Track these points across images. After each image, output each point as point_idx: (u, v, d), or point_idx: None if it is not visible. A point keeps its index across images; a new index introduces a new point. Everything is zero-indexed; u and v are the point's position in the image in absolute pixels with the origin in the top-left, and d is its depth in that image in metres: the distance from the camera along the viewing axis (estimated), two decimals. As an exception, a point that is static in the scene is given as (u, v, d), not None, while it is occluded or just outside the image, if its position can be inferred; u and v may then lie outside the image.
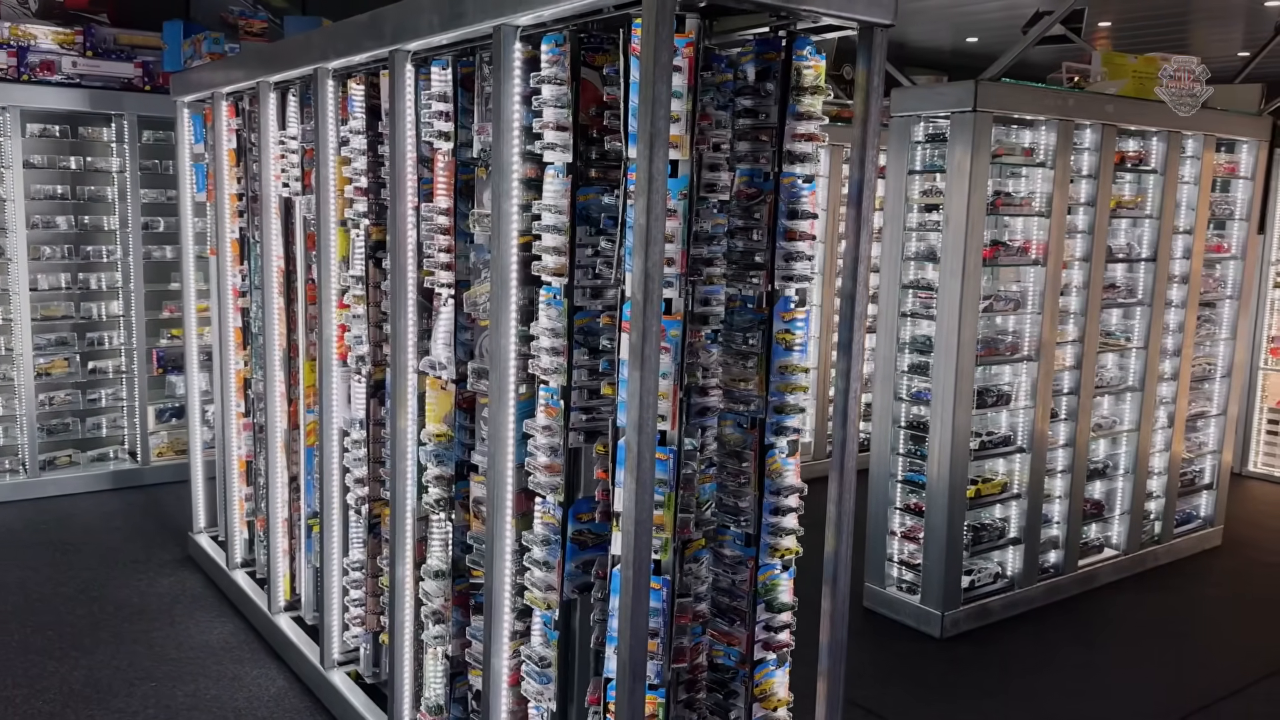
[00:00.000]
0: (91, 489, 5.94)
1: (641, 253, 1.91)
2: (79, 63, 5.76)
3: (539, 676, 2.46)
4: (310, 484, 3.77)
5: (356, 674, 3.46)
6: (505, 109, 2.32)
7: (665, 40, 1.84)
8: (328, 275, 3.29)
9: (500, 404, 2.43)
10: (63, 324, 5.95)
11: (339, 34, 3.02)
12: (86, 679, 3.62)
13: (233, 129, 4.13)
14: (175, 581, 4.57)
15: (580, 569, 2.42)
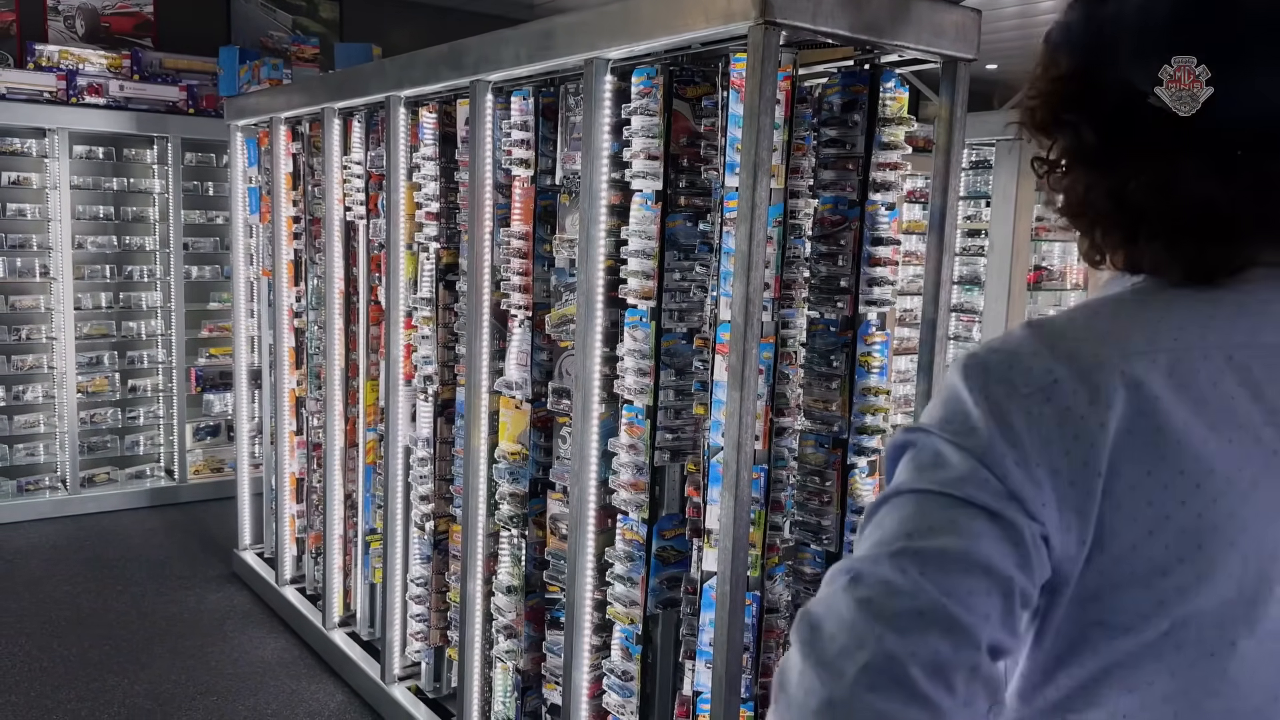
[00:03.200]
0: (130, 506, 6.00)
1: (743, 278, 1.99)
2: (126, 86, 5.87)
3: (621, 690, 2.52)
4: (369, 501, 3.84)
5: (417, 688, 3.51)
6: (595, 138, 2.40)
7: (770, 75, 1.92)
8: (396, 297, 3.37)
9: (584, 423, 2.50)
10: (103, 342, 6.03)
11: (415, 63, 3.10)
12: (148, 693, 3.68)
13: (290, 153, 4.22)
14: (223, 597, 4.62)
15: (663, 585, 2.49)
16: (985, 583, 0.70)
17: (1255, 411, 0.75)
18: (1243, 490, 0.74)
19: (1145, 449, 0.73)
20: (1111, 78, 0.80)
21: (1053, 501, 0.73)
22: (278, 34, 6.27)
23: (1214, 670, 0.75)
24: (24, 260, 5.78)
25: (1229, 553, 0.74)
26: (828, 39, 2.05)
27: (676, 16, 2.09)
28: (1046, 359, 0.76)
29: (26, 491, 5.83)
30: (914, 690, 0.66)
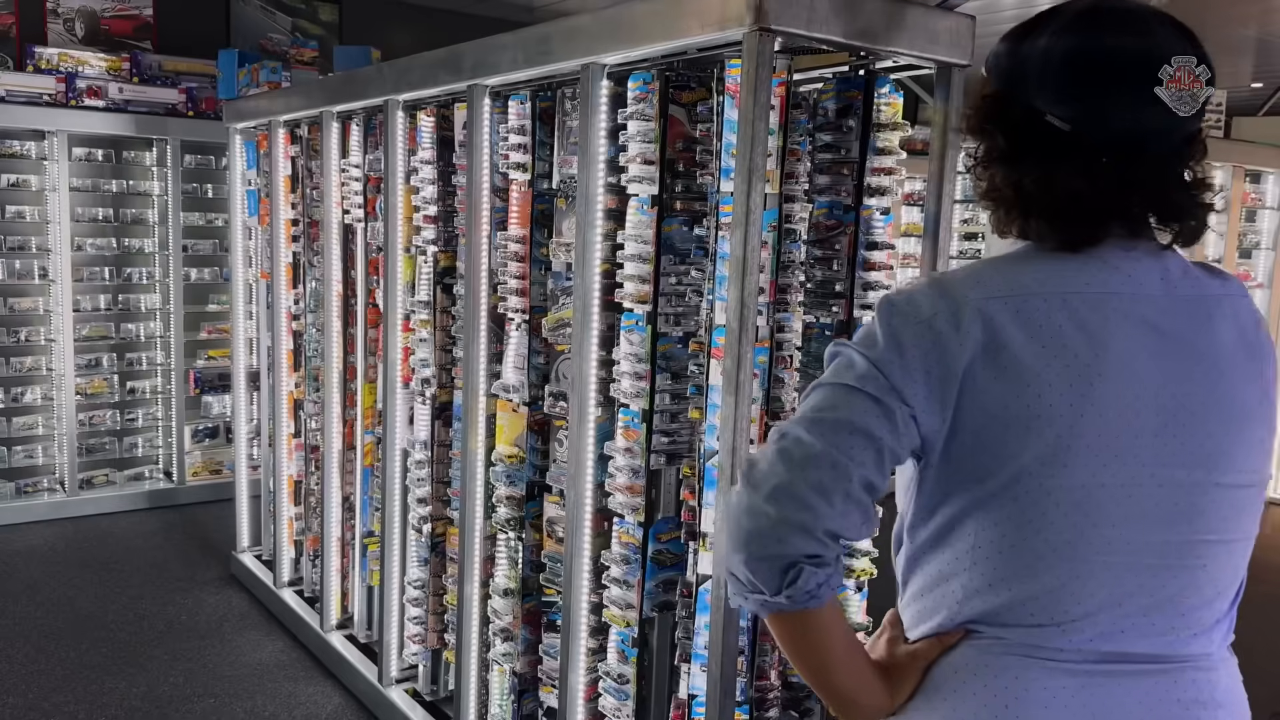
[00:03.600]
0: (128, 508, 6.00)
1: (738, 282, 2.00)
2: (125, 88, 5.88)
3: (617, 693, 2.53)
4: (366, 503, 3.85)
5: (414, 691, 3.52)
6: (591, 143, 2.41)
7: (764, 81, 1.93)
8: (394, 300, 3.38)
9: (580, 426, 2.51)
10: (102, 344, 6.04)
11: (413, 67, 3.11)
12: (146, 695, 3.68)
13: (289, 155, 4.23)
14: (221, 599, 4.63)
15: (659, 588, 2.50)
16: (863, 441, 1.08)
17: (1076, 335, 1.08)
18: (1058, 388, 1.07)
19: (990, 361, 1.08)
20: (1021, 100, 1.13)
21: (922, 394, 1.09)
22: (277, 36, 6.29)
23: (1034, 511, 1.09)
24: (23, 262, 5.78)
25: (1045, 429, 1.07)
26: (822, 45, 2.06)
27: (672, 23, 2.10)
28: (932, 300, 1.11)
29: (25, 493, 5.83)
30: (802, 501, 1.07)
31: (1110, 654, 1.10)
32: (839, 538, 1.09)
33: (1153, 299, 1.11)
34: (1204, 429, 1.10)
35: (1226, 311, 1.14)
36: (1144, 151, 1.09)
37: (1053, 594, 1.09)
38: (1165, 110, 1.08)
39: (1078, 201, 1.10)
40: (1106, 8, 1.11)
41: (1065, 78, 1.09)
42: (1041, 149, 1.11)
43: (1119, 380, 1.08)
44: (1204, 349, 1.11)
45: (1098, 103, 1.08)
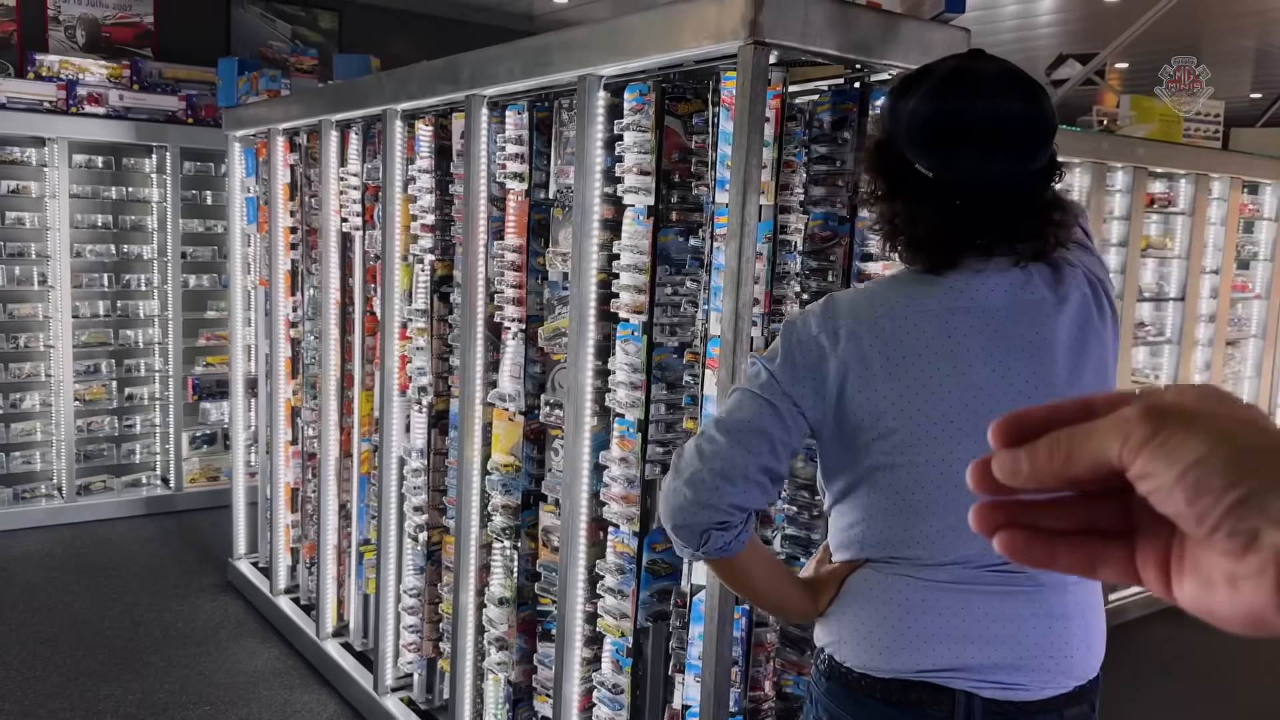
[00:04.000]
0: (125, 514, 6.00)
1: (733, 293, 2.01)
2: (125, 95, 5.90)
3: (611, 703, 2.53)
4: (363, 511, 3.85)
5: (409, 699, 3.51)
6: (588, 153, 2.42)
7: (759, 93, 1.94)
8: (391, 308, 3.38)
9: (576, 435, 2.51)
10: (100, 350, 6.05)
11: (411, 77, 3.13)
12: (141, 703, 3.68)
13: (288, 163, 4.24)
14: (218, 607, 4.63)
15: (653, 598, 2.50)
16: (759, 437, 1.37)
17: (937, 342, 1.37)
18: (914, 386, 1.37)
19: (857, 370, 1.39)
20: (896, 149, 1.37)
21: (809, 395, 1.40)
22: (277, 44, 6.30)
23: (909, 479, 1.39)
24: (22, 268, 5.79)
25: (903, 417, 1.38)
26: (818, 58, 2.07)
27: (668, 35, 2.11)
28: (820, 321, 1.42)
29: (22, 499, 5.84)
30: (709, 485, 1.36)
31: (978, 578, 1.41)
32: (742, 509, 1.39)
33: (996, 309, 1.39)
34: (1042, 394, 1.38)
35: (1066, 311, 1.41)
36: (994, 191, 1.34)
37: (926, 542, 1.41)
38: (1010, 162, 1.33)
39: (933, 237, 1.38)
40: (962, 73, 1.34)
41: (926, 137, 1.34)
42: (910, 191, 1.37)
43: (958, 379, 1.38)
44: (1040, 344, 1.39)
45: (951, 158, 1.33)
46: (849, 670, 1.47)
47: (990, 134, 1.31)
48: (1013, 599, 1.41)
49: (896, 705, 1.43)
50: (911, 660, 1.42)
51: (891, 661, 1.43)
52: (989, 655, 1.41)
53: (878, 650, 1.44)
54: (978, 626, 1.41)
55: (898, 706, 1.43)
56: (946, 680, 1.42)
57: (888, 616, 1.43)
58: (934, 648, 1.41)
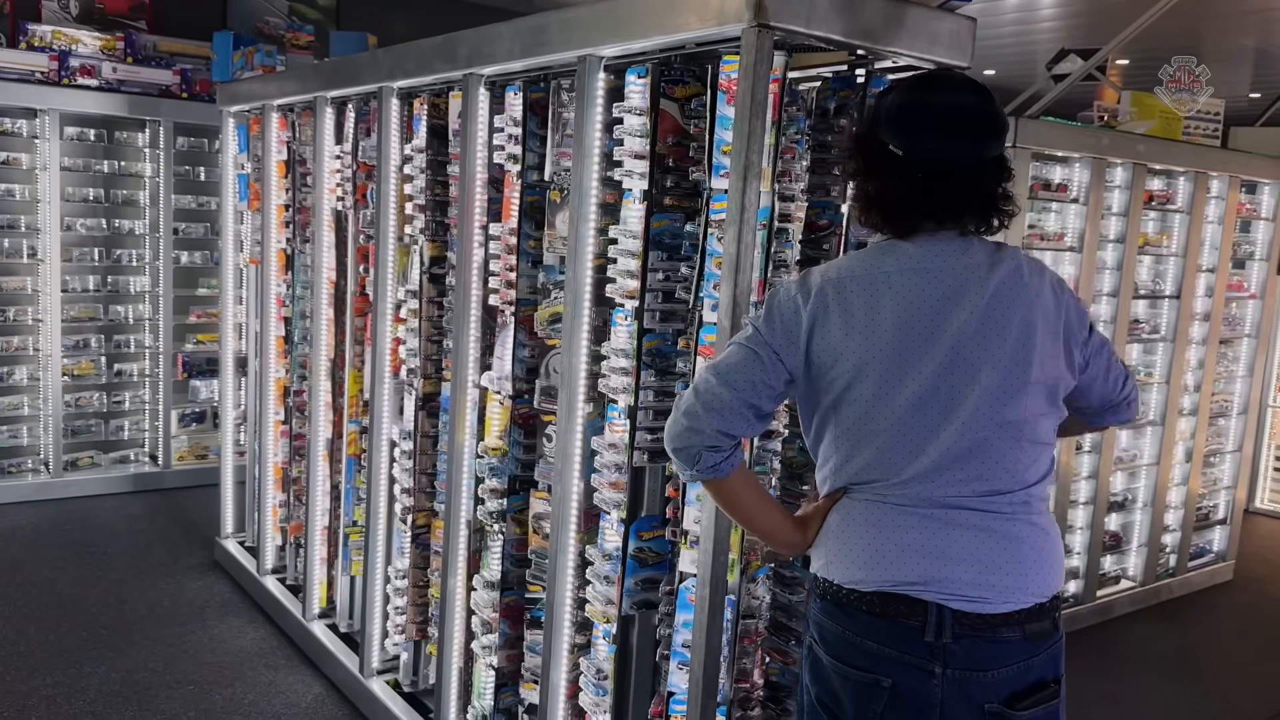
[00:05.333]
0: (113, 491, 5.97)
1: (730, 281, 1.98)
2: (119, 68, 5.83)
3: (596, 688, 2.52)
4: (349, 493, 3.82)
5: (395, 682, 3.50)
6: (587, 136, 2.38)
7: (762, 78, 1.91)
8: (384, 289, 3.35)
9: (569, 421, 2.49)
10: (90, 326, 6.00)
11: (408, 54, 3.09)
12: (125, 680, 3.66)
13: (282, 141, 4.20)
14: (204, 585, 4.60)
15: (639, 586, 2.48)
16: (744, 378, 1.69)
17: (886, 296, 1.67)
18: (866, 331, 1.66)
19: (821, 320, 1.68)
20: (876, 136, 1.69)
21: (783, 344, 1.70)
22: (274, 20, 6.24)
23: (861, 410, 1.68)
24: (11, 241, 5.74)
25: (854, 356, 1.66)
26: (822, 43, 2.04)
27: (670, 16, 2.08)
28: (796, 285, 1.73)
29: (8, 474, 5.80)
30: (700, 416, 1.69)
31: (936, 501, 1.67)
32: (729, 435, 1.70)
33: (938, 269, 1.67)
34: (975, 352, 1.65)
35: (996, 274, 1.68)
36: (952, 171, 1.66)
37: (881, 465, 1.68)
38: (964, 145, 1.65)
39: (899, 205, 1.69)
40: (932, 76, 1.79)
41: (898, 121, 1.66)
42: (884, 169, 1.68)
43: (900, 324, 1.65)
44: (977, 300, 1.65)
45: (918, 138, 1.65)
46: (838, 587, 1.71)
47: (949, 120, 1.65)
48: (968, 523, 1.66)
49: (879, 615, 1.67)
50: (888, 573, 1.66)
51: (871, 574, 1.67)
52: (953, 571, 1.64)
53: (859, 565, 1.69)
54: (941, 545, 1.65)
55: (880, 616, 1.66)
56: (919, 592, 1.64)
57: (864, 534, 1.70)
58: (905, 561, 1.66)
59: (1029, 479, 1.69)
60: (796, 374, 1.71)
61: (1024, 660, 1.66)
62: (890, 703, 1.66)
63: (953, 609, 1.63)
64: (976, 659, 1.64)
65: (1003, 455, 1.66)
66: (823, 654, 1.74)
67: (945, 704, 1.64)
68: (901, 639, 1.65)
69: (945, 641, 1.63)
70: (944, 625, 1.63)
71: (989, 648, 1.64)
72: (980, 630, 1.63)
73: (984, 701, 1.64)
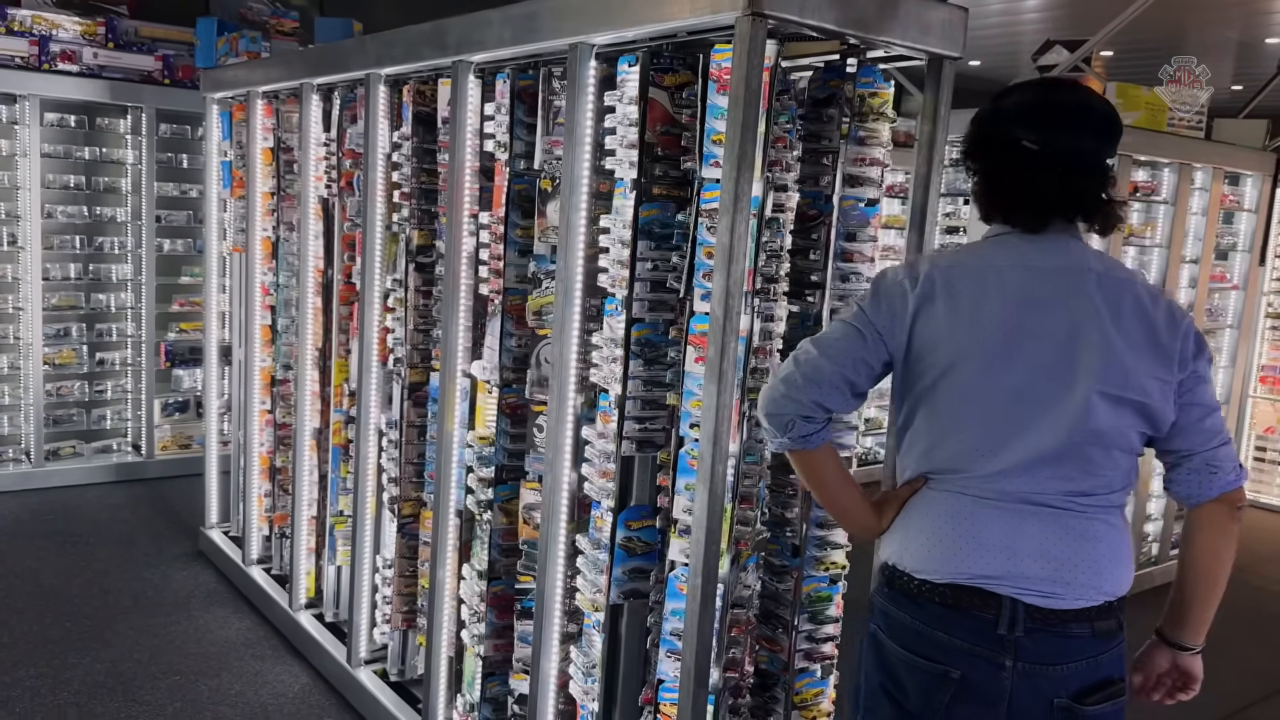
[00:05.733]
0: (95, 480, 5.92)
1: (723, 271, 1.98)
2: (100, 54, 5.77)
3: (586, 677, 2.52)
4: (334, 483, 3.81)
5: (383, 672, 3.49)
6: (578, 125, 2.37)
7: (756, 67, 1.90)
8: (372, 277, 3.33)
9: (560, 411, 2.48)
10: (71, 314, 5.94)
11: (396, 41, 3.06)
12: (110, 671, 3.63)
13: (268, 128, 4.16)
14: (188, 576, 4.58)
15: (627, 575, 2.47)
16: (844, 353, 1.76)
17: (994, 290, 1.71)
18: (969, 321, 1.70)
19: (927, 305, 1.73)
20: (1004, 132, 1.74)
21: (889, 326, 1.75)
22: (257, 6, 6.18)
23: (951, 398, 1.72)
24: (-9, 228, 5.68)
25: (952, 345, 1.71)
26: (815, 32, 2.04)
27: (663, 4, 2.07)
28: (904, 270, 1.79)
29: (-11, 463, 5.75)
30: (799, 386, 1.75)
31: (1017, 496, 1.69)
32: (824, 408, 1.76)
33: (1053, 269, 1.72)
34: (1073, 357, 1.68)
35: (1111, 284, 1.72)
36: (1080, 166, 1.71)
37: (967, 457, 1.72)
38: (1093, 142, 1.71)
39: (1027, 196, 1.73)
40: (1055, 80, 1.92)
41: (1034, 116, 1.73)
42: (1016, 163, 1.73)
43: (998, 319, 1.69)
44: (1085, 307, 1.69)
45: (1054, 131, 1.70)
46: (909, 576, 1.75)
47: (1081, 117, 1.71)
48: (1047, 521, 1.69)
49: (951, 607, 1.70)
50: (964, 565, 1.70)
51: (946, 566, 1.71)
52: (1029, 567, 1.67)
53: (934, 556, 1.72)
54: (1020, 541, 1.68)
55: (953, 608, 1.70)
56: (994, 586, 1.68)
57: (941, 525, 1.73)
58: (983, 555, 1.69)
59: (1113, 484, 1.72)
60: (896, 356, 1.76)
61: (1093, 656, 1.70)
62: (958, 694, 1.70)
63: (1026, 603, 1.67)
64: (1046, 653, 1.68)
65: (1090, 460, 1.69)
66: (888, 642, 1.77)
67: (1014, 696, 1.68)
68: (973, 631, 1.68)
69: (1017, 635, 1.67)
70: (1017, 619, 1.67)
71: (1059, 642, 1.68)
72: (1051, 625, 1.67)
73: (1053, 695, 1.68)
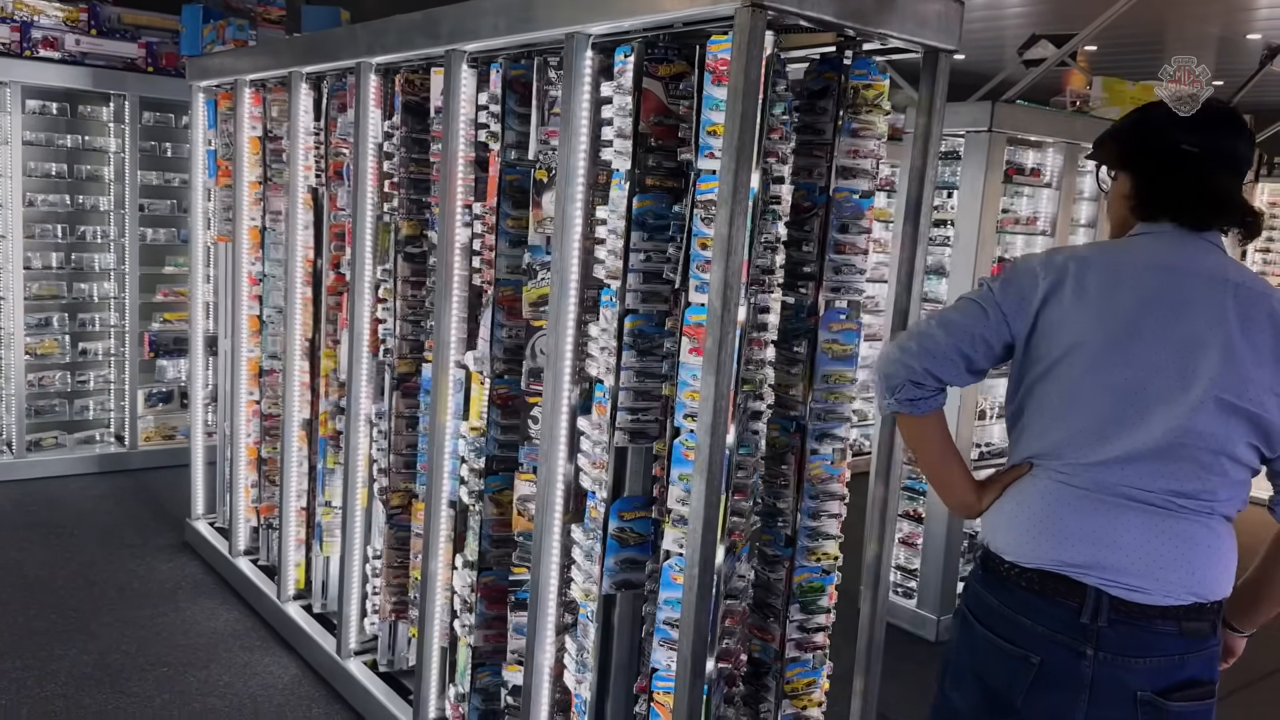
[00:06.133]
0: (78, 471, 5.88)
1: (722, 263, 1.98)
2: (82, 40, 5.71)
3: (579, 666, 2.53)
4: (322, 473, 3.79)
5: (373, 663, 3.49)
6: (574, 115, 2.37)
7: (755, 58, 1.90)
8: (362, 267, 3.32)
9: (554, 402, 2.48)
10: (53, 304, 5.89)
11: (388, 30, 3.05)
12: (96, 663, 3.61)
13: (256, 116, 4.13)
14: (175, 567, 4.55)
15: (619, 566, 2.47)
16: (963, 328, 1.81)
17: (1126, 286, 1.75)
18: (1095, 313, 1.74)
19: (1056, 293, 1.77)
20: (1165, 137, 1.79)
21: (1015, 309, 1.80)
22: (242, -7, 6.12)
23: (1064, 386, 1.76)
24: (-28, 217, 5.61)
25: (1074, 335, 1.75)
26: (813, 24, 2.04)
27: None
28: (1037, 260, 1.83)
29: (-30, 454, 5.69)
30: (914, 354, 1.82)
31: (1116, 489, 1.73)
32: (936, 378, 1.82)
33: (1187, 270, 1.74)
34: (1193, 361, 1.69)
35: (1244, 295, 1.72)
36: (1235, 168, 1.78)
37: (1071, 444, 1.76)
38: (1244, 147, 1.79)
39: (1186, 196, 1.77)
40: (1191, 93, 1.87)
41: (1194, 122, 1.76)
42: (1176, 166, 1.78)
43: (1130, 319, 1.72)
44: (1211, 313, 1.70)
45: (1214, 135, 1.77)
46: (1000, 559, 1.82)
47: (1232, 123, 1.79)
48: (1144, 517, 1.72)
49: (1037, 593, 1.75)
50: (1053, 552, 1.75)
51: (1036, 551, 1.76)
52: (1118, 559, 1.71)
53: (1025, 541, 1.78)
54: (1111, 533, 1.71)
55: (1038, 594, 1.75)
56: (1081, 575, 1.72)
57: (1036, 512, 1.78)
58: (1073, 544, 1.73)
59: (1217, 493, 1.72)
60: (1018, 340, 1.81)
61: (1180, 654, 1.71)
62: (1038, 679, 1.74)
63: (1111, 595, 1.70)
64: (1129, 645, 1.70)
65: (1197, 463, 1.70)
66: (976, 624, 1.84)
67: (1096, 685, 1.71)
68: (1056, 618, 1.73)
69: (1100, 625, 1.70)
70: (1100, 609, 1.71)
71: (1143, 636, 1.70)
72: (1136, 619, 1.70)
73: (1136, 688, 1.71)
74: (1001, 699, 1.80)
